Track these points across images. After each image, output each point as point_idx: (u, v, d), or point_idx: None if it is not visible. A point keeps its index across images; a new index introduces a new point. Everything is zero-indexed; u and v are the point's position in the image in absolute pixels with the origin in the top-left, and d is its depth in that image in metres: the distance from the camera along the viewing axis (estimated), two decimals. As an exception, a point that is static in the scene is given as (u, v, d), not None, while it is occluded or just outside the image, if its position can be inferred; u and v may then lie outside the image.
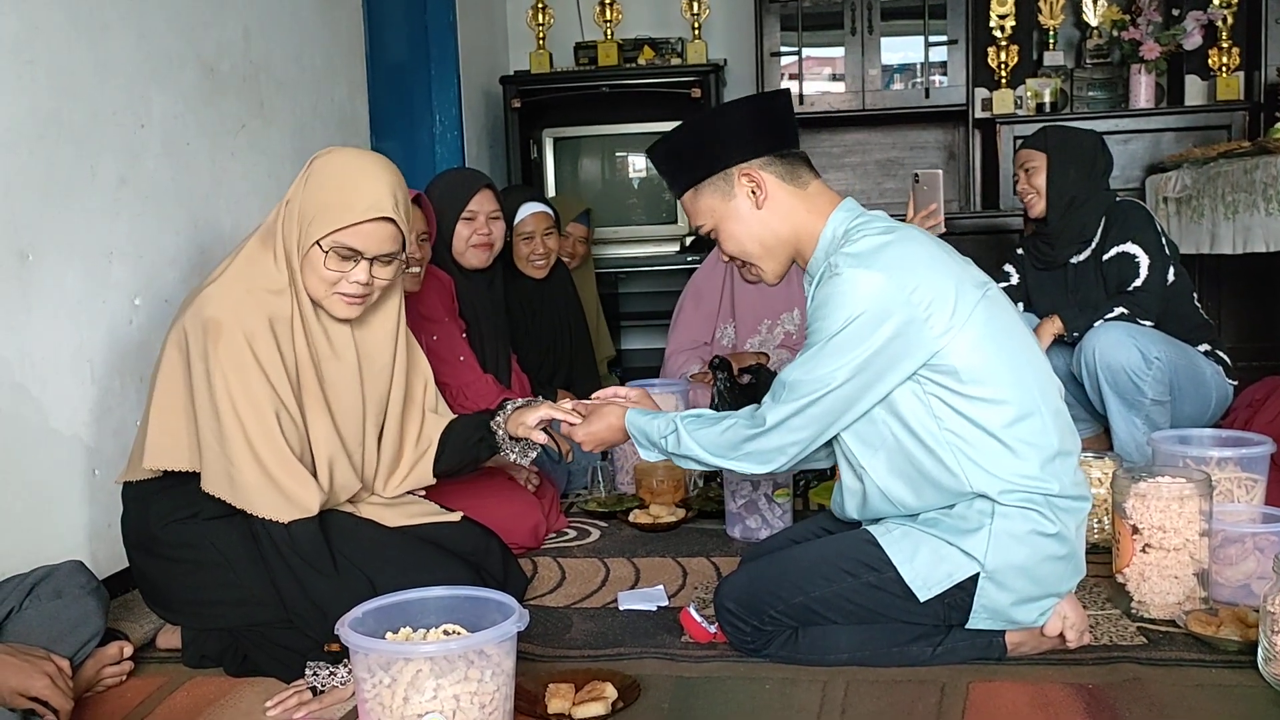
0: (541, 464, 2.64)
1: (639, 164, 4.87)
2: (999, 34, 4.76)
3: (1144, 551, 2.06)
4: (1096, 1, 4.69)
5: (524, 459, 2.14)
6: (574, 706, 1.72)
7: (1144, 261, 2.97)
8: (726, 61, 5.03)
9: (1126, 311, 2.92)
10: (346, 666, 1.81)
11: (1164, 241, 3.03)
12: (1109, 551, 2.21)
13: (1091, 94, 4.72)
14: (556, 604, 2.31)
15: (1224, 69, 4.61)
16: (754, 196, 1.89)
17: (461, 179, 3.10)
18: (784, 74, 4.84)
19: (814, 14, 4.81)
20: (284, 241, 1.93)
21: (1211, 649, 1.90)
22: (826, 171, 4.91)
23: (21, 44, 2.14)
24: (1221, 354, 3.04)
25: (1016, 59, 4.79)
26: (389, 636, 1.60)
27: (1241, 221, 3.43)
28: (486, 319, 2.94)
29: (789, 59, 4.84)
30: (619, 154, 4.94)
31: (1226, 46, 4.61)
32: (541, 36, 4.99)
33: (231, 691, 1.89)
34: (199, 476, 1.89)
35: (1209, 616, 1.98)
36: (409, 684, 1.48)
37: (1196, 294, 3.13)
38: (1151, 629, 2.02)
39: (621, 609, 2.25)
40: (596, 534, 2.71)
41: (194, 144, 2.68)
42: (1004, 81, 4.76)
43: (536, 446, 2.12)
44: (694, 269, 3.64)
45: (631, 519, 2.75)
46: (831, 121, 4.97)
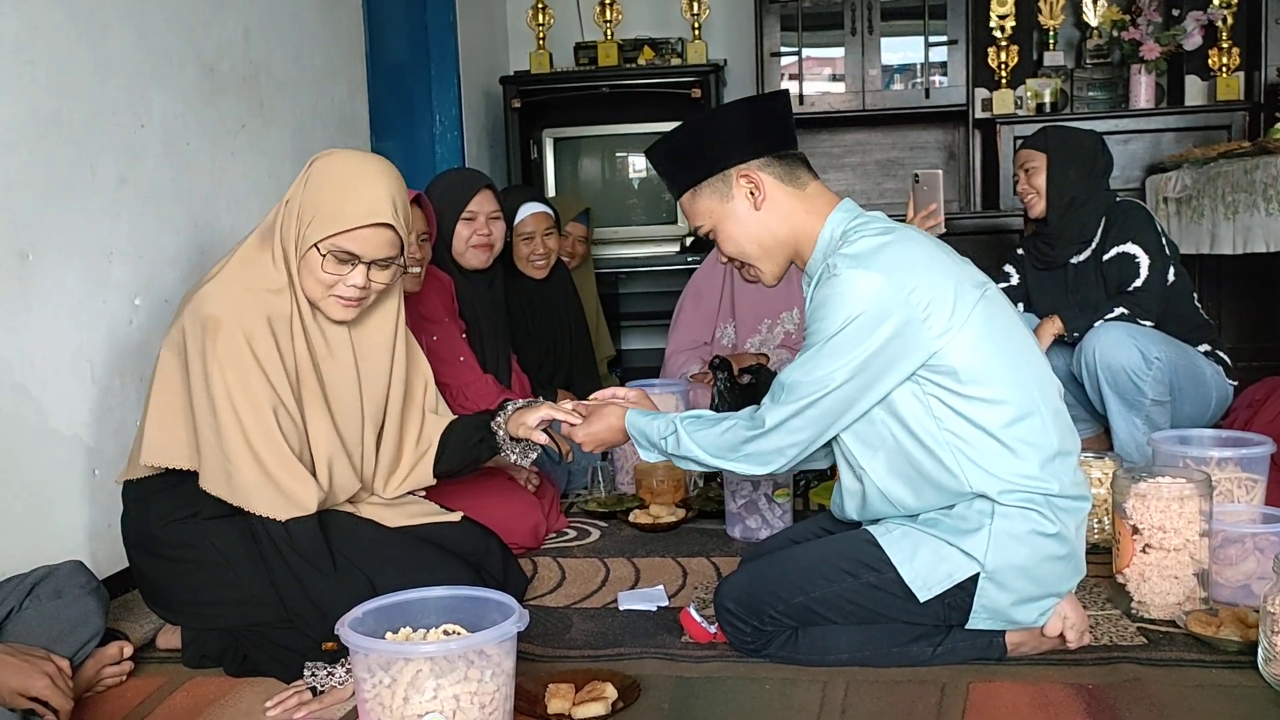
0: (542, 464, 2.63)
1: (639, 164, 4.86)
2: (999, 34, 4.76)
3: (1144, 552, 2.06)
4: (1096, 2, 4.69)
5: (524, 460, 2.14)
6: (574, 706, 1.72)
7: (1144, 262, 2.97)
8: (726, 62, 5.03)
9: (1126, 312, 2.92)
10: (344, 666, 1.81)
11: (1164, 242, 3.03)
12: (1109, 551, 2.21)
13: (1091, 94, 4.71)
14: (556, 604, 2.31)
15: (1224, 69, 4.61)
16: (752, 198, 1.89)
17: (461, 179, 3.10)
18: (784, 74, 4.84)
19: (814, 14, 4.81)
20: (282, 242, 1.93)
21: (1211, 649, 1.90)
22: (826, 172, 4.94)
23: (21, 44, 2.14)
24: (1221, 354, 3.03)
25: (1016, 59, 4.79)
26: (389, 636, 1.59)
27: (1241, 221, 3.43)
28: (486, 319, 2.94)
29: (789, 59, 4.84)
30: (619, 154, 4.94)
31: (1226, 46, 4.60)
32: (541, 36, 4.99)
33: (231, 691, 1.89)
34: (198, 475, 1.89)
35: (1209, 617, 1.97)
36: (409, 684, 1.48)
37: (1196, 294, 3.13)
38: (1151, 629, 2.02)
39: (621, 609, 2.25)
40: (596, 534, 2.71)
41: (194, 144, 2.68)
42: (1004, 82, 4.76)
43: (537, 447, 2.12)
44: (694, 269, 3.64)
45: (631, 519, 2.75)
46: (831, 122, 4.97)
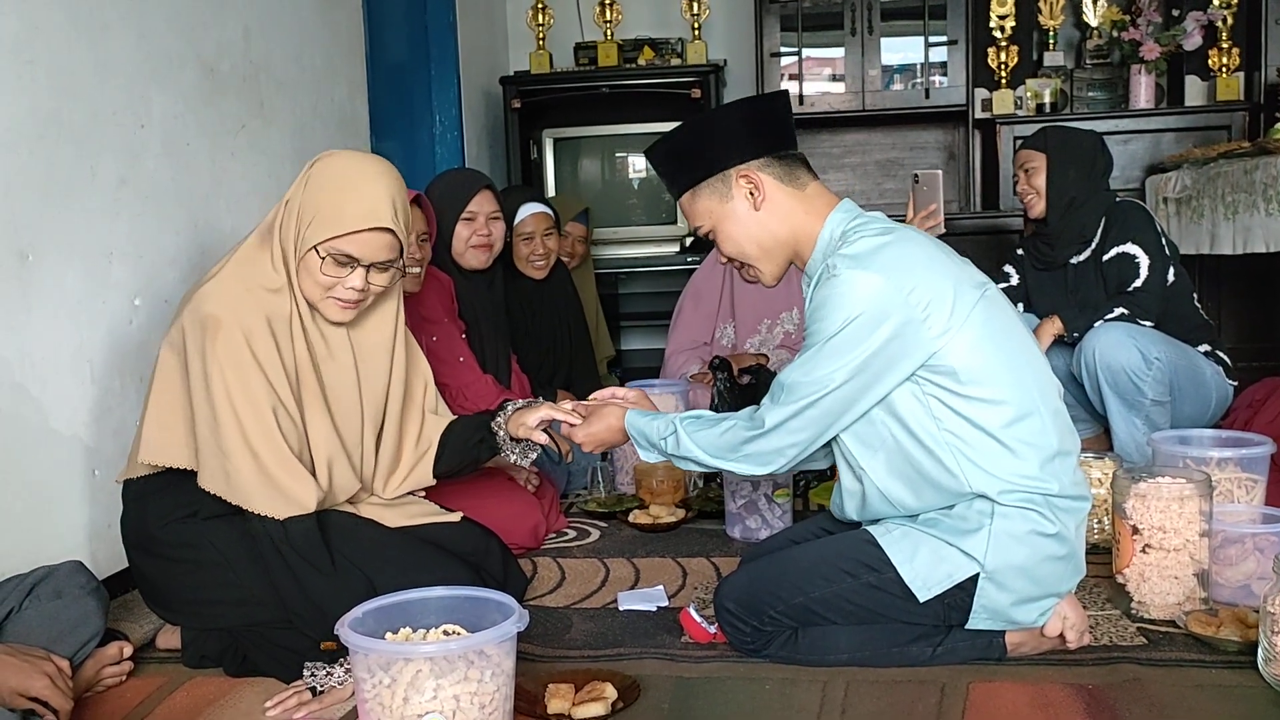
0: (541, 464, 2.63)
1: (639, 164, 4.86)
2: (999, 34, 4.76)
3: (1144, 552, 2.06)
4: (1096, 2, 4.69)
5: (524, 460, 2.14)
6: (574, 707, 1.72)
7: (1144, 262, 2.97)
8: (726, 62, 5.03)
9: (1126, 312, 2.92)
10: (344, 666, 1.81)
11: (1164, 242, 3.03)
12: (1109, 551, 2.21)
13: (1091, 94, 4.71)
14: (556, 604, 2.31)
15: (1224, 69, 4.61)
16: (752, 198, 1.89)
17: (461, 179, 3.10)
18: (784, 74, 4.84)
19: (814, 14, 4.81)
20: (281, 243, 1.93)
21: (1211, 649, 1.90)
22: (826, 172, 4.94)
23: (21, 44, 2.14)
24: (1221, 354, 3.03)
25: (1016, 59, 4.79)
26: (389, 637, 1.59)
27: (1241, 222, 3.43)
28: (486, 320, 2.94)
29: (789, 59, 4.84)
30: (619, 154, 4.94)
31: (1226, 47, 4.60)
32: (541, 37, 4.99)
33: (231, 691, 1.89)
34: (197, 475, 1.89)
35: (1209, 617, 1.97)
36: (409, 684, 1.47)
37: (1196, 294, 3.13)
38: (1151, 629, 2.02)
39: (621, 609, 2.25)
40: (596, 534, 2.71)
41: (194, 144, 2.68)
42: (1004, 82, 4.76)
43: (537, 447, 2.12)
44: (694, 269, 3.64)
45: (631, 519, 2.75)
46: (831, 122, 4.97)
